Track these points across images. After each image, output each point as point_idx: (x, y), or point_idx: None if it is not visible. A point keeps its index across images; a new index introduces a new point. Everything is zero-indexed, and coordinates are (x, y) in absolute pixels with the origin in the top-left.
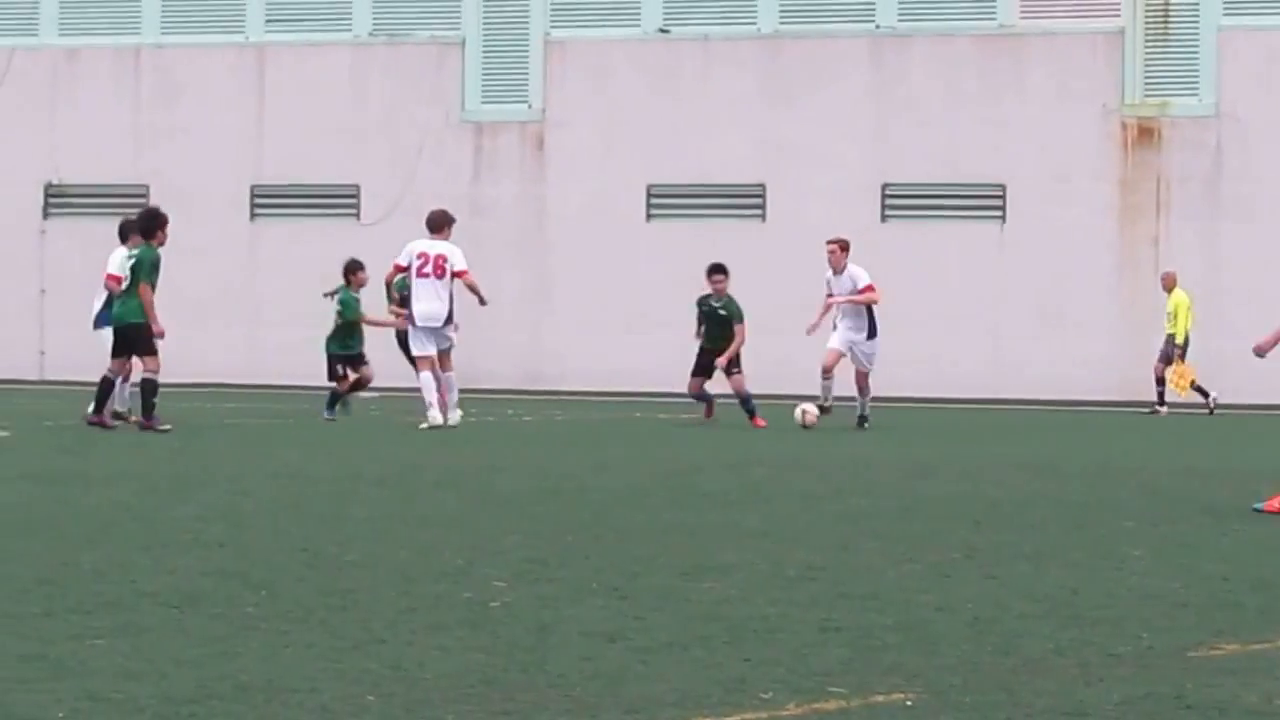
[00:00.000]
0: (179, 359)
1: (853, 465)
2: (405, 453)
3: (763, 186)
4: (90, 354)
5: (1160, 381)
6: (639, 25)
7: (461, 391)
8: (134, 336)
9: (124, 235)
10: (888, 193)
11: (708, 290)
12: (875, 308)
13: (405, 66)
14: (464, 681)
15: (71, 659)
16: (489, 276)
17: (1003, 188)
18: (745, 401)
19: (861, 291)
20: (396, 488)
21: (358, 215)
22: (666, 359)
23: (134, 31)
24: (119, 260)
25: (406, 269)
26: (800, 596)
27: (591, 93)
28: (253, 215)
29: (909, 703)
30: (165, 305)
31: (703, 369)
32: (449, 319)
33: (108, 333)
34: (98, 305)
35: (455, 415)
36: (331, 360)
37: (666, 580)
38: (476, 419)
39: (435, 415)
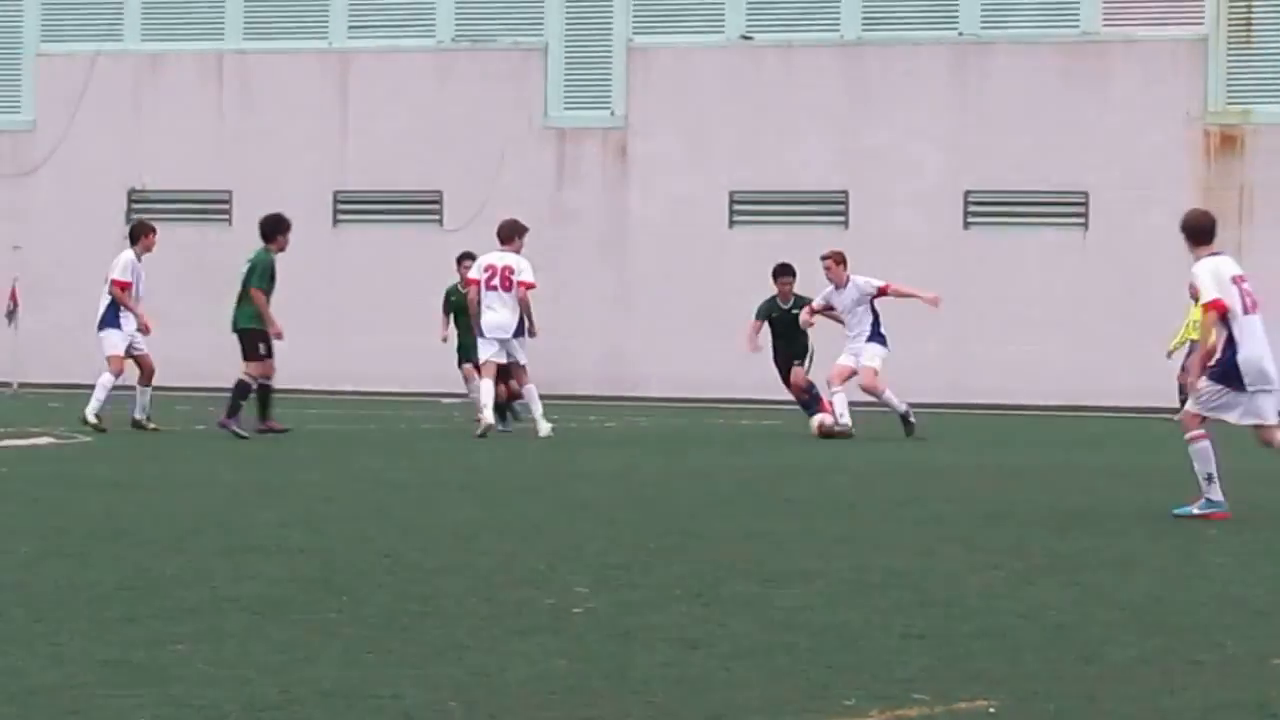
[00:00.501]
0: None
1: (935, 472)
2: (487, 459)
3: (845, 193)
4: (172, 358)
5: (1183, 389)
6: (722, 32)
7: (544, 397)
8: (243, 342)
9: (134, 238)
10: (970, 199)
11: (773, 293)
12: (879, 314)
13: (488, 72)
14: (546, 688)
15: (153, 665)
16: (571, 283)
17: (1085, 195)
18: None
19: (880, 295)
20: (479, 494)
21: (440, 221)
22: (748, 365)
23: (217, 37)
24: (124, 265)
25: (478, 283)
26: (883, 603)
27: (674, 99)
28: (335, 221)
29: (991, 710)
30: None
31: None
32: (519, 331)
33: (107, 334)
34: (102, 308)
35: (545, 427)
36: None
37: (749, 587)
38: (559, 425)
39: (489, 416)
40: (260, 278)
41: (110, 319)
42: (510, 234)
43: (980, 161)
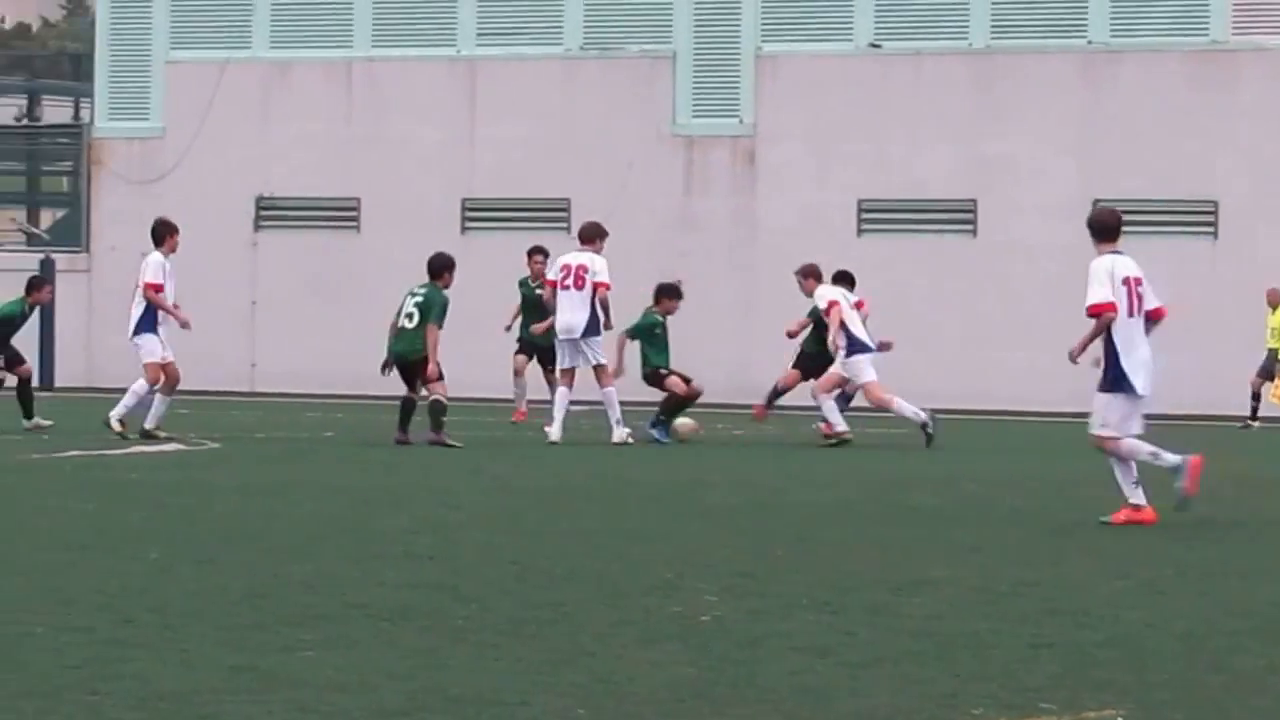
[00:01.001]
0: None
1: (1062, 482)
2: (614, 466)
3: (974, 202)
4: (300, 366)
5: (1256, 396)
6: (850, 40)
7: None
8: (416, 371)
9: (159, 239)
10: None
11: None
12: (836, 323)
13: (616, 80)
14: (674, 695)
15: (282, 670)
16: (699, 290)
17: (1214, 203)
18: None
19: (826, 313)
20: (606, 501)
21: (568, 229)
22: (880, 372)
23: (346, 44)
24: (154, 266)
25: (555, 283)
26: (1011, 612)
27: (802, 107)
28: (463, 229)
29: (1120, 719)
30: (383, 320)
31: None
32: (590, 331)
33: (145, 340)
34: (137, 313)
35: (620, 432)
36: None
37: (877, 595)
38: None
39: (554, 432)
40: (439, 315)
41: (147, 324)
42: (592, 234)
43: (1109, 170)
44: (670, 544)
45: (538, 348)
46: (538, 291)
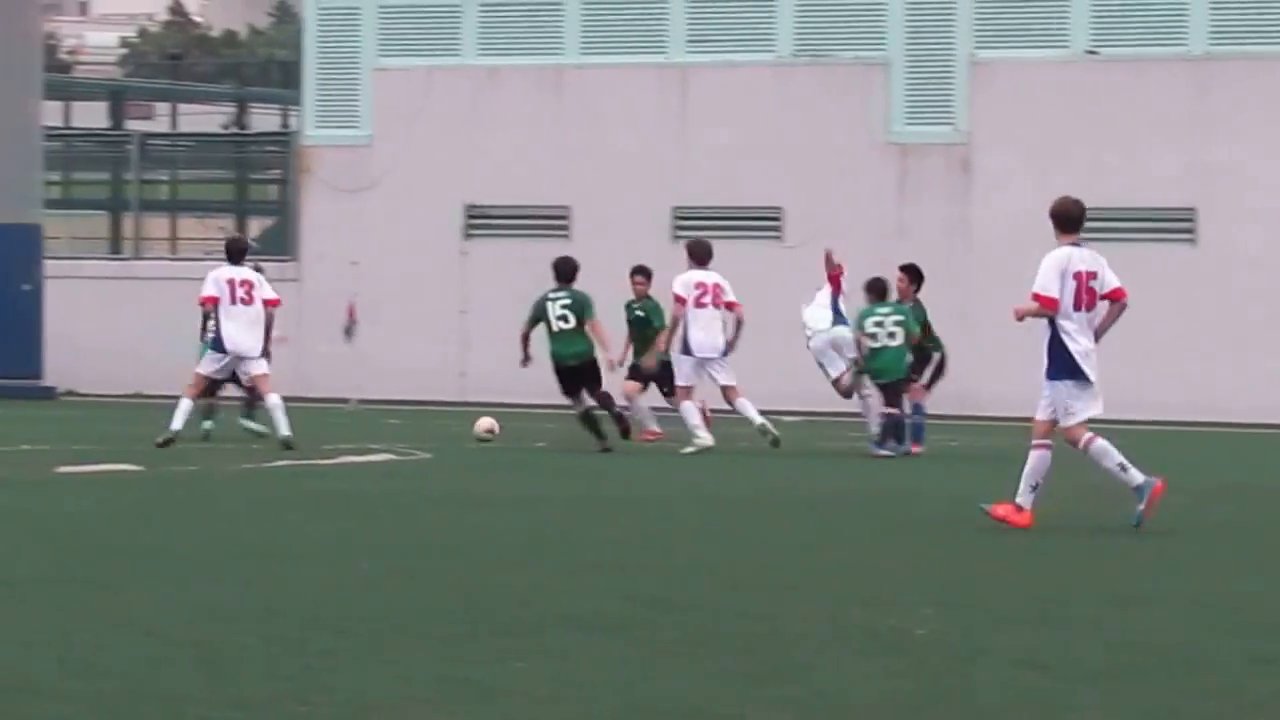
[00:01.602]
0: (612, 385)
1: (1272, 492)
2: (826, 476)
3: (1193, 210)
4: (510, 375)
5: None
6: (1066, 46)
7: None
8: (586, 373)
9: (234, 256)
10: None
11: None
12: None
13: (828, 87)
14: (889, 708)
15: (492, 682)
16: None
17: None
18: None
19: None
20: (819, 511)
21: (780, 237)
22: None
23: (555, 51)
24: (214, 282)
25: (685, 300)
26: (1229, 625)
27: (1017, 114)
28: (674, 237)
29: None
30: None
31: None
32: (726, 350)
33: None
34: (259, 331)
35: (705, 440)
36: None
37: (1093, 608)
38: (901, 442)
39: (705, 437)
40: (595, 311)
41: (216, 343)
42: (710, 253)
43: None
44: (884, 555)
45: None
46: (638, 314)
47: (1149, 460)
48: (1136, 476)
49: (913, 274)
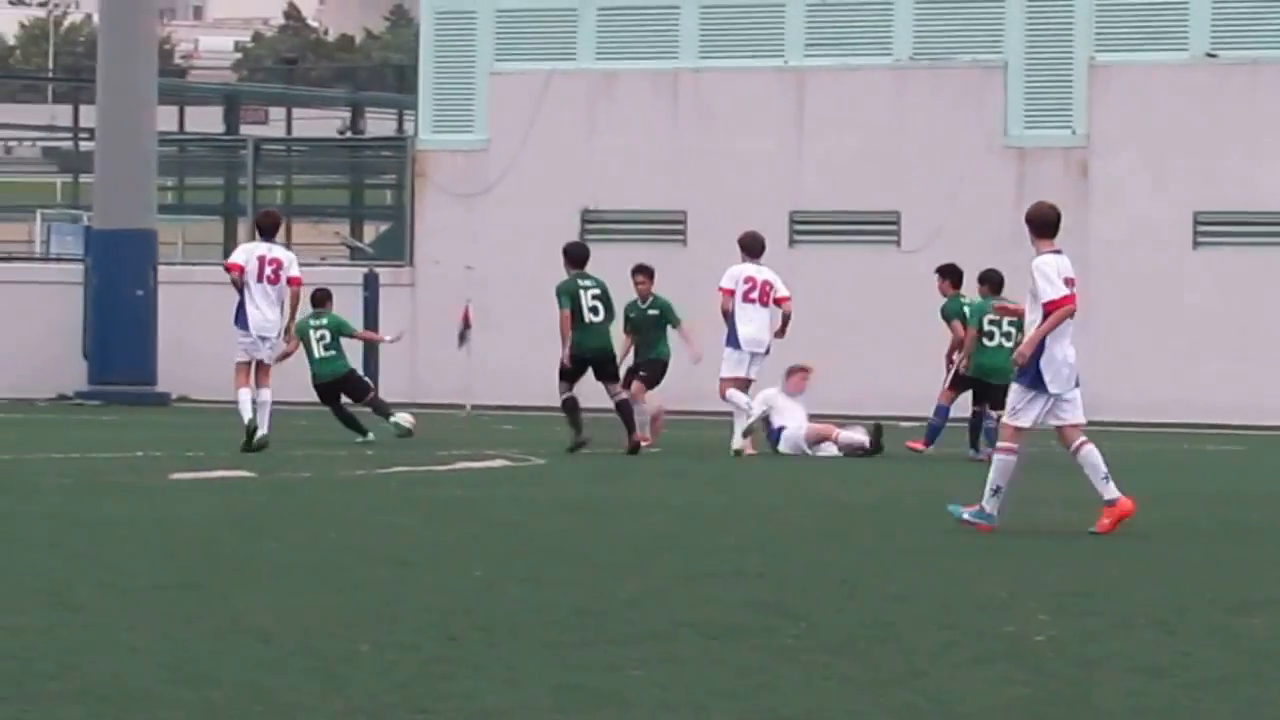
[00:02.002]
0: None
1: None
2: (945, 482)
3: None
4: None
5: None
6: (1186, 49)
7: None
8: (604, 366)
9: (265, 232)
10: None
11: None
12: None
13: (946, 91)
14: (1007, 716)
15: (608, 689)
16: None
17: None
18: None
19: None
20: (935, 517)
21: (898, 242)
22: (1217, 388)
23: (672, 55)
24: (245, 252)
25: (731, 292)
26: None
27: (1136, 117)
28: (791, 242)
29: None
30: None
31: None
32: (769, 348)
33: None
34: (289, 311)
35: (740, 441)
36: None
37: (1214, 615)
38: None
39: (737, 441)
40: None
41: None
42: (763, 247)
43: None
44: (1002, 562)
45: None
46: (650, 313)
47: (1269, 467)
48: (995, 504)
49: (951, 274)
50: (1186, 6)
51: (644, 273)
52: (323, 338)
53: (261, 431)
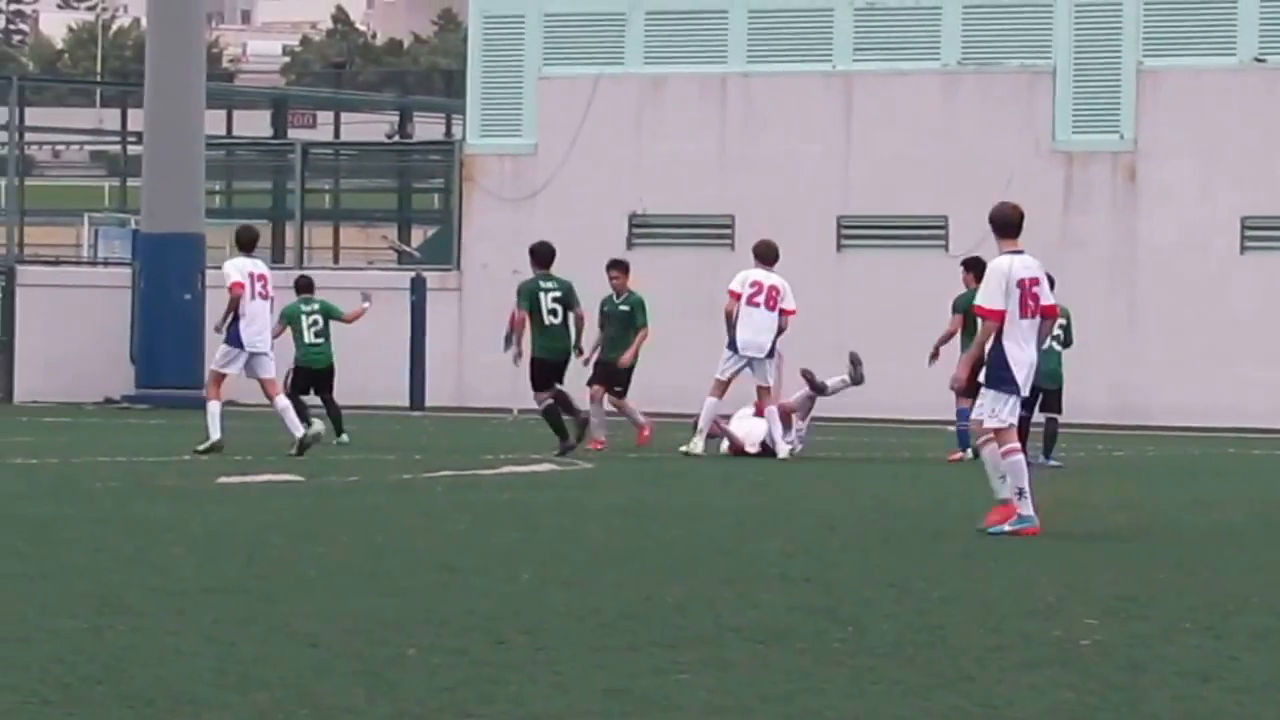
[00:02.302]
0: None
1: None
2: (984, 486)
3: None
4: (674, 384)
5: None
6: (1234, 54)
7: (1069, 428)
8: (564, 369)
9: (245, 246)
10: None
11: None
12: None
13: (994, 95)
14: None
15: (656, 693)
16: (1078, 307)
17: None
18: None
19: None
20: (978, 521)
21: (945, 247)
22: (1264, 392)
23: (720, 59)
24: (239, 270)
25: (738, 295)
26: None
27: (1185, 122)
28: (839, 246)
29: None
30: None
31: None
32: (772, 352)
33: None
34: (272, 323)
35: (784, 449)
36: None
37: (1262, 619)
38: (1067, 453)
39: (785, 449)
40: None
41: (233, 334)
42: (777, 256)
43: None
44: (1050, 566)
45: (610, 374)
46: (622, 309)
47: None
48: (1028, 505)
49: (976, 268)
50: (1235, 11)
51: (619, 268)
52: (315, 323)
53: (299, 432)
